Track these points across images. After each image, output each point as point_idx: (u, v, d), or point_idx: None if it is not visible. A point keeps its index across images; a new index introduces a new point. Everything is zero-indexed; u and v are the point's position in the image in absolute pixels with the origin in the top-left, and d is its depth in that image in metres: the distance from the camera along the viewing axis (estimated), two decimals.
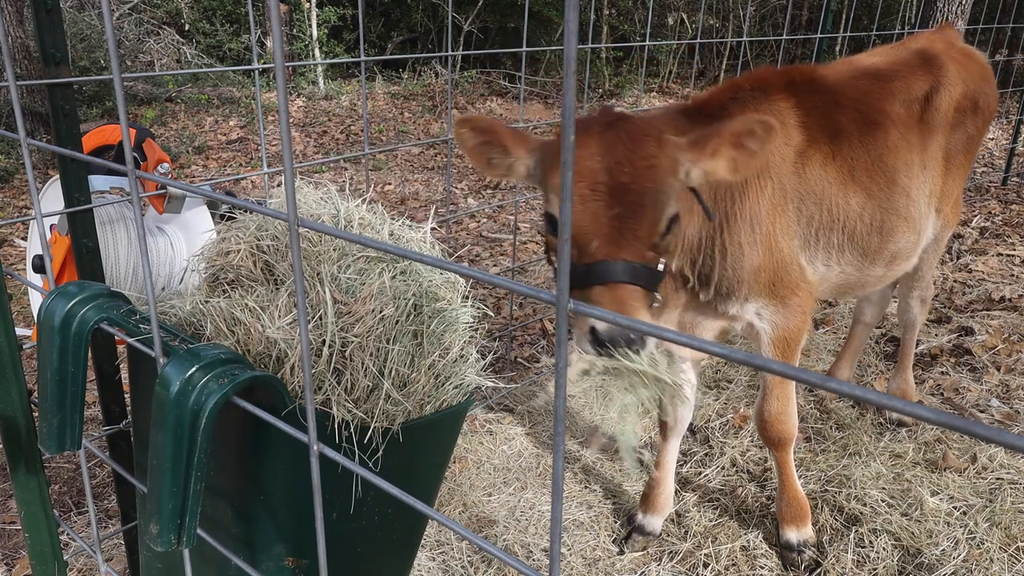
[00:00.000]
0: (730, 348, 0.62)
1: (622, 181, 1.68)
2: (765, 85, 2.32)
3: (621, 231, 1.67)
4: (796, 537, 2.54)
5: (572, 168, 0.61)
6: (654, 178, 1.70)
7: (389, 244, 0.83)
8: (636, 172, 1.69)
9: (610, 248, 1.67)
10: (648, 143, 1.73)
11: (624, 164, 1.69)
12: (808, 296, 2.33)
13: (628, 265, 1.67)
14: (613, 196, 1.68)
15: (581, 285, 1.69)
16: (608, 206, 1.67)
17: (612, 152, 1.70)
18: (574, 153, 1.72)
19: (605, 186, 1.68)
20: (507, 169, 1.92)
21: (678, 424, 2.62)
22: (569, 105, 0.60)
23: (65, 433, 1.41)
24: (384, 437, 1.52)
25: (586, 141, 1.74)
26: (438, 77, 11.27)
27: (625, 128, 1.74)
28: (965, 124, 2.75)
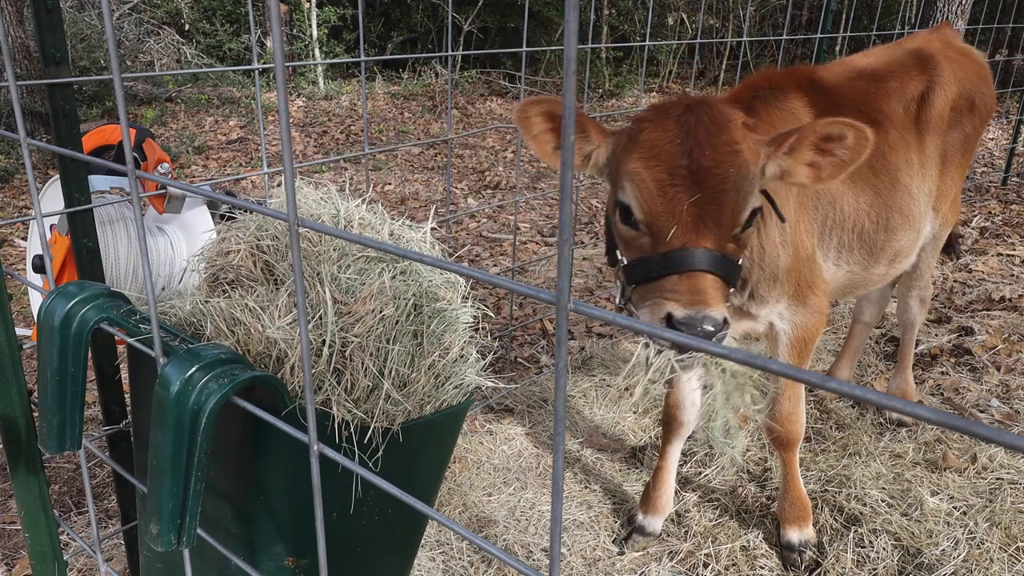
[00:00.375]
0: (730, 348, 0.62)
1: (704, 165, 1.59)
2: (780, 85, 2.31)
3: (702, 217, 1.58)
4: (798, 537, 2.54)
5: (571, 168, 0.61)
6: (738, 163, 1.61)
7: (389, 244, 0.83)
8: (719, 156, 1.60)
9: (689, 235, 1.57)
10: (732, 128, 1.65)
11: (706, 147, 1.60)
12: (825, 296, 2.33)
13: (709, 253, 1.57)
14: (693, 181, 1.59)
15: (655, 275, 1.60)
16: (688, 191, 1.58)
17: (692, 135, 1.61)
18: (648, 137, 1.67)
19: (685, 170, 1.59)
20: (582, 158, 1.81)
21: (684, 427, 2.61)
22: (569, 105, 0.60)
23: (65, 433, 1.41)
24: (384, 437, 1.52)
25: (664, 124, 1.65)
26: (438, 77, 11.27)
27: (707, 112, 1.66)
28: (962, 123, 2.75)
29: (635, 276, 1.67)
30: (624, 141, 1.73)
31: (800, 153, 1.71)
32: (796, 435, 2.46)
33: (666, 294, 1.57)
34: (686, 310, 1.54)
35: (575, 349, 3.95)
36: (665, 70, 12.83)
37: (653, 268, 1.60)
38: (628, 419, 3.36)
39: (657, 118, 1.68)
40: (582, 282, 4.92)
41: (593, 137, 1.79)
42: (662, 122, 1.66)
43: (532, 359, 3.95)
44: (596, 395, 3.53)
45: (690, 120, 1.64)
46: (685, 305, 1.54)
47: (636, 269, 1.67)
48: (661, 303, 1.57)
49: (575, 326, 4.22)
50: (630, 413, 3.40)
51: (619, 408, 3.44)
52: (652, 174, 1.62)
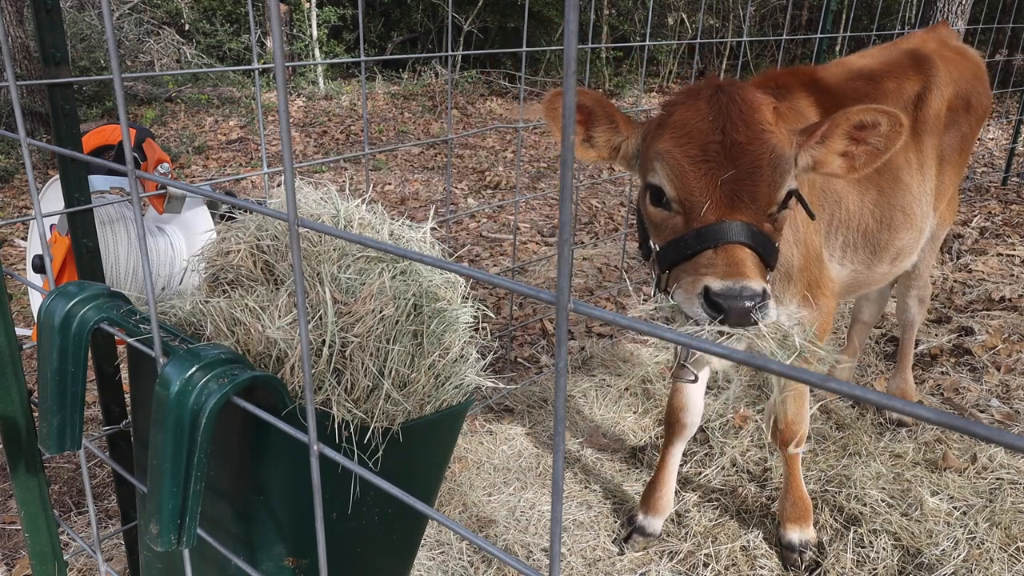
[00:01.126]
0: (730, 348, 0.62)
1: (738, 140, 1.56)
2: (786, 84, 2.30)
3: (737, 193, 1.54)
4: (798, 538, 2.54)
5: (571, 168, 0.61)
6: (772, 141, 1.57)
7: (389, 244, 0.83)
8: (753, 132, 1.57)
9: (724, 210, 1.53)
10: (765, 109, 1.62)
11: (739, 124, 1.57)
12: (834, 296, 2.32)
13: (745, 226, 1.52)
14: (727, 156, 1.55)
15: (689, 254, 1.54)
16: (722, 167, 1.55)
17: (725, 113, 1.59)
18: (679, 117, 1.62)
19: (719, 146, 1.56)
20: (611, 149, 1.77)
21: (687, 429, 2.61)
22: (569, 105, 0.60)
23: (65, 433, 1.41)
24: (384, 437, 1.52)
25: (695, 104, 1.62)
26: (438, 77, 11.27)
27: (739, 92, 1.63)
28: (959, 123, 2.75)
29: (669, 258, 1.62)
30: (654, 127, 1.71)
31: (833, 142, 1.67)
32: (800, 435, 2.46)
33: (702, 269, 1.52)
34: (723, 281, 1.47)
35: (575, 349, 3.95)
36: (665, 70, 12.84)
37: (688, 245, 1.55)
38: (628, 419, 3.36)
39: (687, 100, 1.65)
40: (582, 282, 4.92)
41: (622, 128, 1.75)
42: (693, 103, 1.63)
43: (532, 359, 3.95)
44: (596, 395, 3.53)
45: (722, 99, 1.61)
46: (722, 276, 1.48)
47: (669, 251, 1.62)
48: (697, 278, 1.51)
49: (575, 326, 4.22)
50: (630, 413, 3.40)
51: (619, 408, 3.43)
52: (684, 151, 1.59)
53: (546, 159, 8.57)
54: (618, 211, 6.61)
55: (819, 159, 1.69)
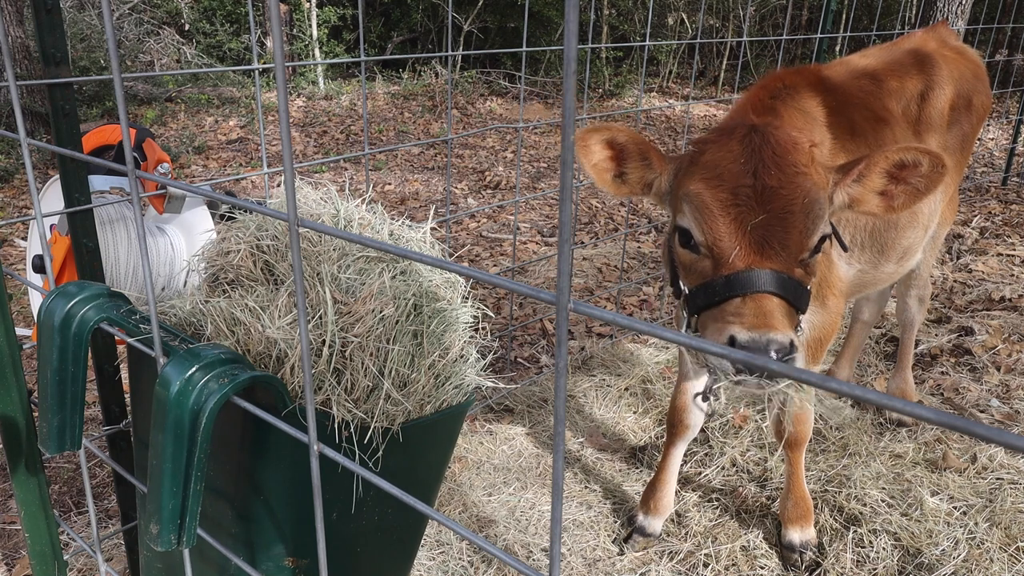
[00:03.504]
0: (730, 348, 0.62)
1: (770, 184, 1.52)
2: (794, 84, 2.30)
3: (767, 239, 1.50)
4: (799, 538, 2.54)
5: (571, 168, 0.61)
6: (806, 185, 1.54)
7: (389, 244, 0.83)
8: (786, 176, 1.53)
9: (753, 257, 1.50)
10: (799, 150, 1.58)
11: (772, 167, 1.54)
12: (843, 296, 2.32)
13: (775, 274, 1.48)
14: (759, 201, 1.52)
15: (717, 300, 1.51)
16: (753, 212, 1.51)
17: (758, 154, 1.55)
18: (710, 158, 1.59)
19: (750, 190, 1.52)
20: (644, 186, 1.74)
21: (689, 430, 2.61)
22: (569, 105, 0.60)
23: (65, 433, 1.42)
24: (384, 437, 1.52)
25: (727, 144, 1.59)
26: (438, 77, 11.27)
27: (772, 133, 1.60)
28: (960, 122, 2.76)
29: (698, 303, 1.60)
30: (685, 165, 1.67)
31: (871, 180, 1.64)
32: (805, 435, 2.46)
33: (729, 317, 1.49)
34: (750, 333, 1.45)
35: (575, 349, 3.95)
36: (665, 70, 12.84)
37: (716, 292, 1.52)
38: (628, 419, 3.36)
39: (720, 139, 1.62)
40: (582, 282, 4.92)
41: (655, 164, 1.72)
42: (725, 143, 1.60)
43: (532, 359, 3.95)
44: (596, 395, 3.53)
45: (755, 140, 1.58)
46: (749, 327, 1.45)
47: (698, 295, 1.59)
48: (724, 326, 1.49)
49: (575, 326, 4.22)
50: (630, 413, 3.40)
51: (619, 408, 3.43)
52: (714, 194, 1.56)
53: (546, 159, 8.58)
54: (618, 211, 6.61)
55: (856, 197, 1.66)
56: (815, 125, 2.25)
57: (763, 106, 2.17)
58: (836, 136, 2.28)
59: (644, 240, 5.82)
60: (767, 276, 1.48)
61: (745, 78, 12.60)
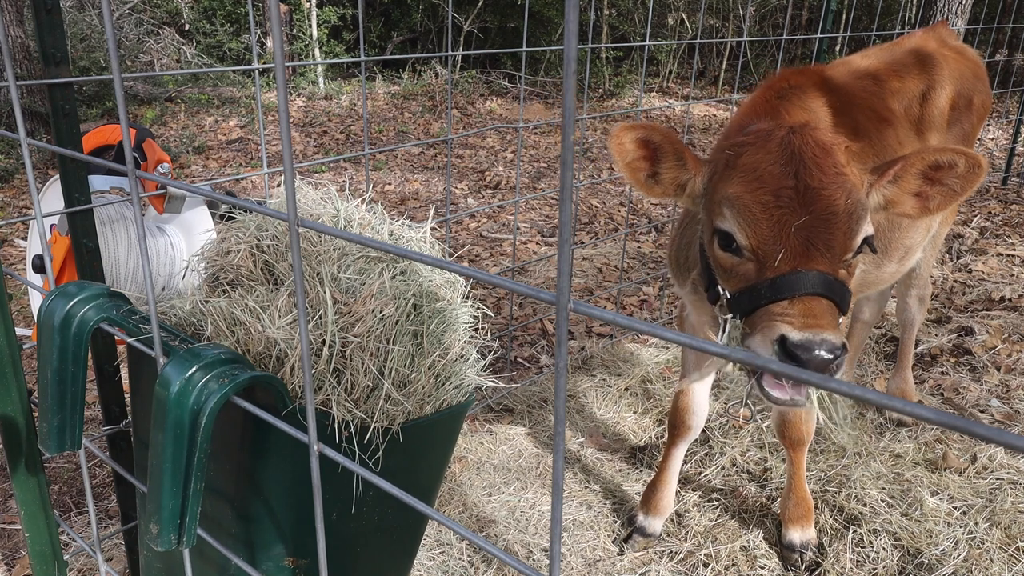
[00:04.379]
0: (730, 348, 0.62)
1: (812, 185, 1.51)
2: (800, 84, 2.29)
3: (812, 240, 1.49)
4: (800, 538, 2.54)
5: (571, 168, 0.61)
6: (848, 186, 1.53)
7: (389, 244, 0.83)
8: (828, 177, 1.52)
9: (799, 259, 1.48)
10: (837, 151, 1.58)
11: (813, 168, 1.53)
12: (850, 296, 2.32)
13: (822, 276, 1.47)
14: (801, 202, 1.51)
15: (763, 302, 1.49)
16: (795, 213, 1.50)
17: (798, 156, 1.54)
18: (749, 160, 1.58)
19: (792, 191, 1.51)
20: (677, 187, 1.72)
21: (691, 431, 2.61)
22: (569, 105, 0.60)
23: (65, 433, 1.42)
24: (384, 437, 1.52)
25: (766, 146, 1.58)
26: (438, 77, 11.27)
27: (812, 134, 1.59)
28: (961, 122, 2.76)
29: (741, 307, 1.58)
30: (721, 167, 1.66)
31: (906, 182, 1.63)
32: (807, 435, 2.46)
33: (777, 317, 1.47)
34: (802, 333, 1.42)
35: (575, 349, 3.95)
36: (665, 70, 12.84)
37: (762, 295, 1.50)
38: (628, 419, 3.36)
39: (757, 141, 1.61)
40: (582, 282, 4.92)
41: (689, 166, 1.71)
42: (763, 144, 1.59)
43: (532, 359, 3.95)
44: (596, 395, 3.53)
45: (794, 141, 1.57)
46: (800, 328, 1.43)
47: (742, 299, 1.57)
48: (774, 325, 1.47)
49: (575, 326, 4.22)
50: (630, 413, 3.40)
51: (619, 408, 3.43)
52: (755, 197, 1.55)
53: (546, 159, 8.58)
54: (618, 211, 6.61)
55: (891, 199, 1.65)
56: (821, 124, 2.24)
57: (769, 107, 2.17)
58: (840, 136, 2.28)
59: (644, 240, 5.82)
60: (814, 277, 1.47)
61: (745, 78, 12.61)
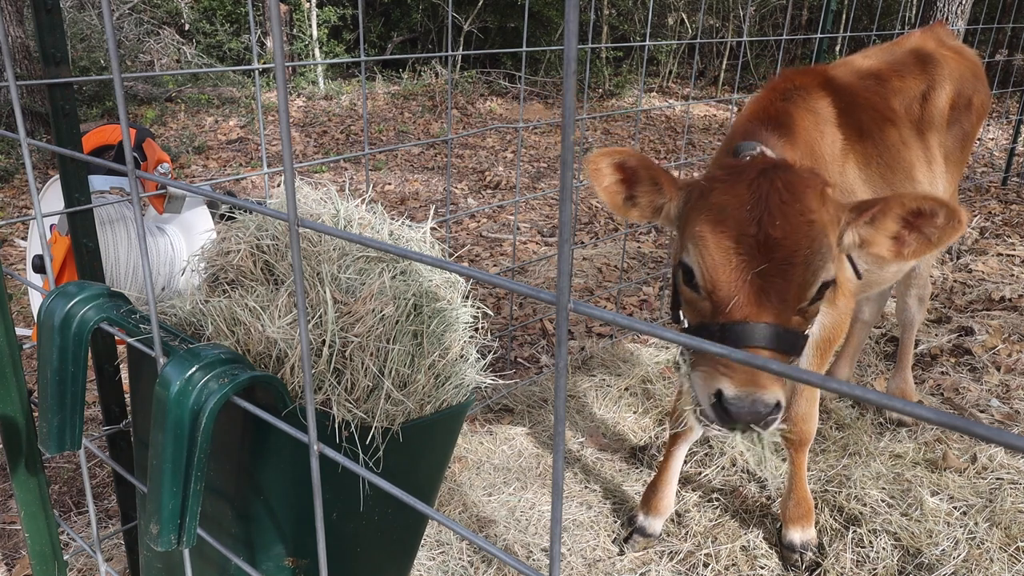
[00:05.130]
0: (730, 348, 0.62)
1: (773, 235, 1.52)
2: (804, 84, 2.28)
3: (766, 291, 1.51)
4: (800, 538, 2.54)
5: (571, 168, 0.61)
6: (811, 235, 1.54)
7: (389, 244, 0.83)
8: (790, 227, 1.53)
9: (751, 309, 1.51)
10: (809, 196, 1.57)
11: (777, 216, 1.53)
12: (851, 296, 2.32)
13: (770, 329, 1.50)
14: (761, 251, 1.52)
15: None
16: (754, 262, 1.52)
17: (764, 202, 1.55)
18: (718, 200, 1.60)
19: (752, 239, 1.53)
20: (654, 210, 1.74)
21: (692, 431, 2.61)
22: (569, 105, 0.60)
23: (65, 433, 1.42)
24: (384, 437, 1.52)
25: (735, 188, 1.59)
26: (438, 77, 11.27)
27: (782, 177, 1.59)
28: (960, 121, 2.77)
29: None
30: (695, 197, 1.68)
31: (884, 224, 1.63)
32: (809, 435, 2.46)
33: (720, 368, 1.51)
34: (737, 390, 1.48)
35: (575, 349, 3.95)
36: (665, 70, 12.84)
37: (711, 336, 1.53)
38: (628, 419, 3.36)
39: (730, 179, 1.62)
40: (582, 282, 4.92)
41: (666, 190, 1.73)
42: (733, 185, 1.60)
43: (532, 359, 3.95)
44: (596, 395, 3.53)
45: (763, 185, 1.57)
46: (738, 384, 1.49)
47: (695, 334, 1.61)
48: (714, 377, 1.52)
49: (575, 326, 4.22)
50: (630, 413, 3.40)
51: (619, 408, 3.44)
52: (717, 240, 1.57)
53: (546, 159, 8.58)
54: None
55: (867, 239, 1.66)
56: (827, 125, 2.24)
57: (774, 109, 2.17)
58: (847, 136, 2.28)
59: (644, 240, 5.82)
60: (762, 331, 1.49)
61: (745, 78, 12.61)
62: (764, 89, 2.34)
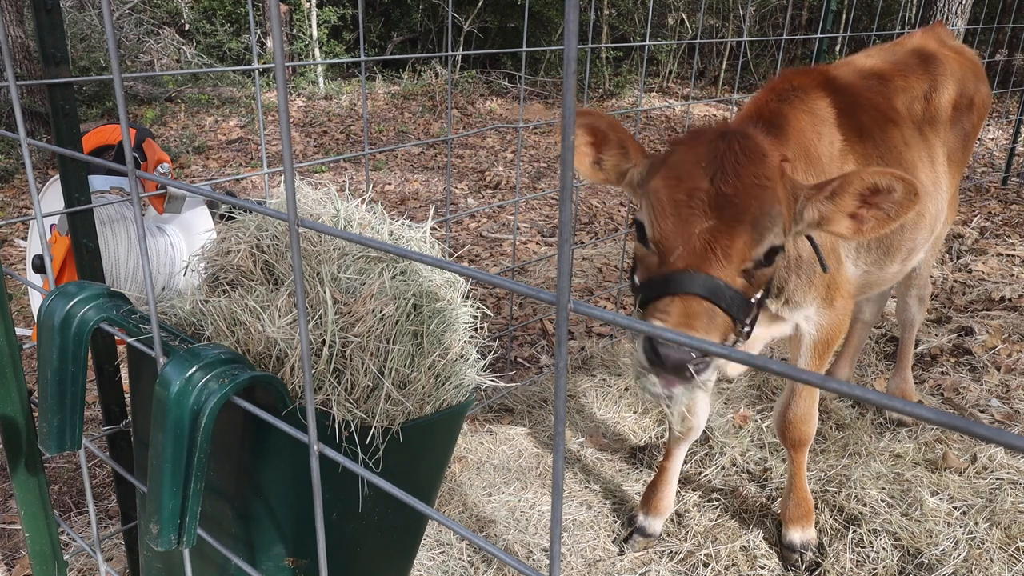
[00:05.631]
0: (730, 348, 0.62)
1: (724, 192, 1.55)
2: (803, 85, 2.29)
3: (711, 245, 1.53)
4: (800, 538, 2.54)
5: (571, 168, 0.61)
6: (761, 197, 1.56)
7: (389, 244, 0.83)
8: (742, 186, 1.55)
9: (694, 259, 1.52)
10: (766, 163, 1.60)
11: (730, 175, 1.56)
12: (850, 298, 2.32)
13: (710, 279, 1.51)
14: (711, 206, 1.54)
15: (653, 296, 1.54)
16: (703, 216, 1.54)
17: (719, 161, 1.58)
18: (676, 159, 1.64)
19: (704, 194, 1.55)
20: (619, 175, 1.77)
21: (691, 432, 2.61)
22: (569, 105, 0.60)
23: (65, 433, 1.42)
24: (384, 437, 1.52)
25: (694, 147, 1.62)
26: (438, 77, 11.27)
27: (740, 141, 1.62)
28: (962, 121, 2.77)
29: (641, 296, 1.64)
30: (658, 163, 1.70)
31: (843, 201, 1.65)
32: (808, 436, 2.46)
33: (657, 314, 1.53)
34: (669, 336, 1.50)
35: (575, 349, 3.95)
36: (665, 70, 12.84)
37: (654, 287, 1.56)
38: (628, 419, 3.36)
39: (690, 141, 1.65)
40: (582, 282, 4.92)
41: (632, 155, 1.75)
42: (693, 145, 1.63)
43: (532, 359, 3.95)
44: (596, 395, 3.53)
45: (721, 146, 1.60)
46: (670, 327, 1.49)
47: (643, 289, 1.63)
48: (650, 320, 1.53)
49: (575, 326, 4.22)
50: (630, 413, 3.40)
51: (619, 408, 3.43)
52: (670, 193, 1.59)
53: (546, 159, 8.58)
54: (618, 211, 6.61)
55: (826, 216, 1.68)
56: (825, 126, 2.24)
57: (768, 109, 2.17)
58: (846, 137, 2.28)
59: None
60: (702, 279, 1.50)
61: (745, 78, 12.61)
62: (762, 89, 2.34)
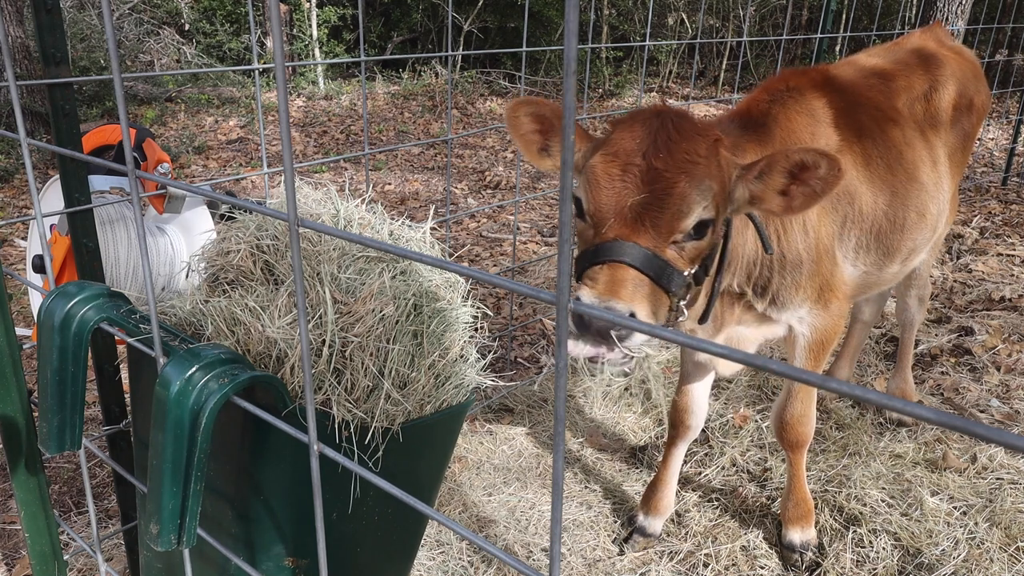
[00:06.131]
0: (730, 348, 0.62)
1: (656, 166, 1.61)
2: (798, 85, 2.30)
3: (641, 217, 1.60)
4: (800, 538, 2.54)
5: (571, 168, 0.61)
6: (691, 172, 1.62)
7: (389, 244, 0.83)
8: (673, 161, 1.62)
9: (624, 229, 1.59)
10: (698, 141, 1.66)
11: (662, 151, 1.63)
12: (846, 299, 2.32)
13: (639, 249, 1.58)
14: (643, 180, 1.61)
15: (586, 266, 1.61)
16: (634, 189, 1.61)
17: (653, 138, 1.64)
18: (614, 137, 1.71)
19: (637, 169, 1.62)
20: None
21: (691, 431, 2.61)
22: (569, 105, 0.60)
23: (65, 433, 1.42)
24: (384, 437, 1.52)
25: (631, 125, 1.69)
26: (438, 77, 11.27)
27: (674, 119, 1.68)
28: (962, 121, 2.77)
29: (577, 269, 1.69)
30: (599, 143, 1.77)
31: (772, 179, 1.71)
32: (806, 436, 2.46)
33: (587, 282, 1.58)
34: (593, 297, 1.54)
35: None
36: (665, 70, 12.84)
37: (587, 258, 1.62)
38: (628, 419, 3.36)
39: (629, 121, 1.72)
40: None
41: (577, 141, 1.81)
42: (631, 125, 1.70)
43: (532, 359, 3.95)
44: (596, 395, 3.53)
45: (654, 124, 1.67)
46: (596, 294, 1.55)
47: (578, 262, 1.69)
48: (580, 288, 1.59)
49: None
50: (630, 413, 3.40)
51: (619, 408, 3.44)
52: (605, 168, 1.66)
53: None
54: None
55: (757, 194, 1.73)
56: (820, 126, 2.24)
57: (757, 109, 2.19)
58: (843, 137, 2.28)
59: None
60: (630, 248, 1.57)
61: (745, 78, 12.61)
62: (757, 88, 2.34)
